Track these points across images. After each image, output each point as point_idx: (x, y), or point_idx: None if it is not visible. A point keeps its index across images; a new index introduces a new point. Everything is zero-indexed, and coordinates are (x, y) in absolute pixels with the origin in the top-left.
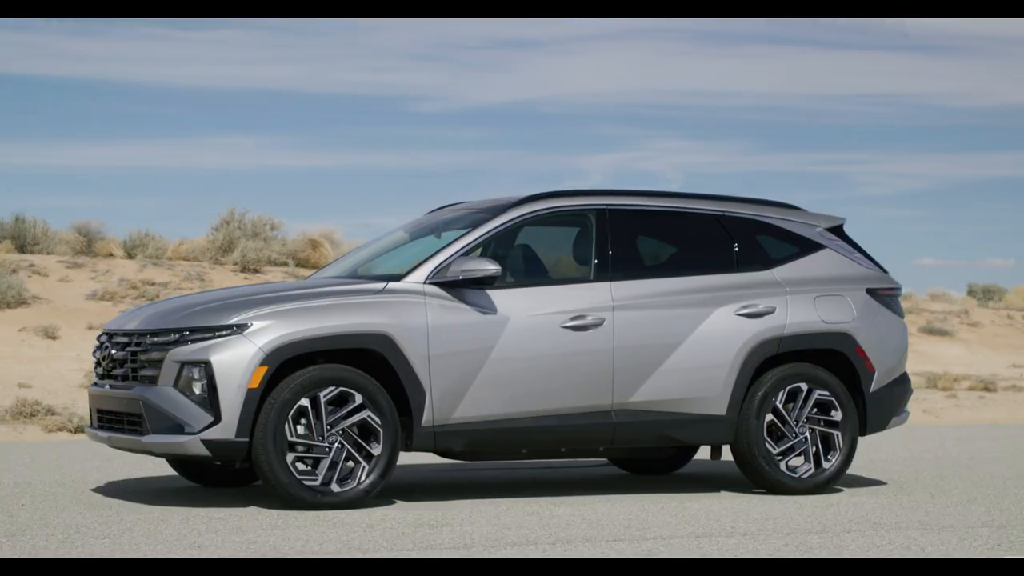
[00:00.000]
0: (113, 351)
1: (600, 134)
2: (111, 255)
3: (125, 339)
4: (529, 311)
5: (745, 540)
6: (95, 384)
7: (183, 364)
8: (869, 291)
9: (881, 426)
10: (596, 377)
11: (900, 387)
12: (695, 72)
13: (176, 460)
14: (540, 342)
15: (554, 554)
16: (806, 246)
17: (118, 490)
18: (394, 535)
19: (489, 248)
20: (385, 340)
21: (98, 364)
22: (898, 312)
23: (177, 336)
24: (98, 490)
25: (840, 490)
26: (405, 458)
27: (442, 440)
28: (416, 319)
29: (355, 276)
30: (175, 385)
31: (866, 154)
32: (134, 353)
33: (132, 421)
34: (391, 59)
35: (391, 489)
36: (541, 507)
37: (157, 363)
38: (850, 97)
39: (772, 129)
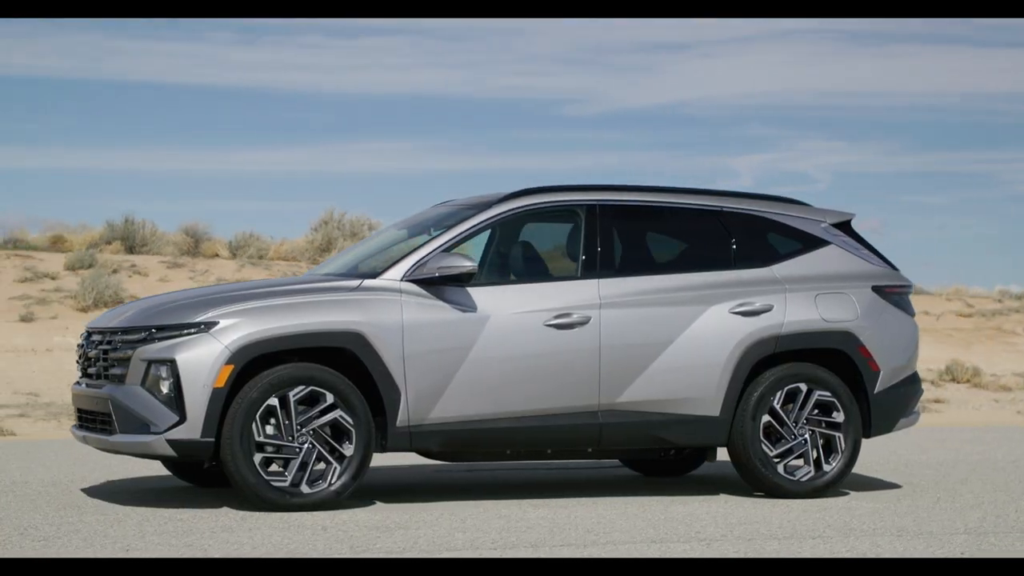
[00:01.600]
0: (89, 349)
1: (748, 135)
2: (216, 255)
3: (99, 337)
4: (511, 309)
5: (699, 546)
6: (76, 383)
7: (150, 363)
8: (875, 289)
9: (887, 428)
10: (581, 377)
11: (909, 388)
12: (843, 72)
13: (167, 460)
14: (521, 340)
15: (490, 556)
16: (809, 242)
17: (107, 490)
18: (340, 538)
19: (472, 245)
20: (357, 338)
21: (78, 362)
22: (908, 311)
23: (145, 334)
24: (90, 490)
25: (846, 493)
26: (404, 458)
27: (418, 440)
28: (391, 317)
29: (343, 274)
30: (143, 384)
31: (1016, 152)
32: (105, 351)
33: (103, 420)
34: (540, 63)
35: (376, 490)
36: (513, 510)
37: (125, 362)
38: (999, 95)
39: (920, 128)
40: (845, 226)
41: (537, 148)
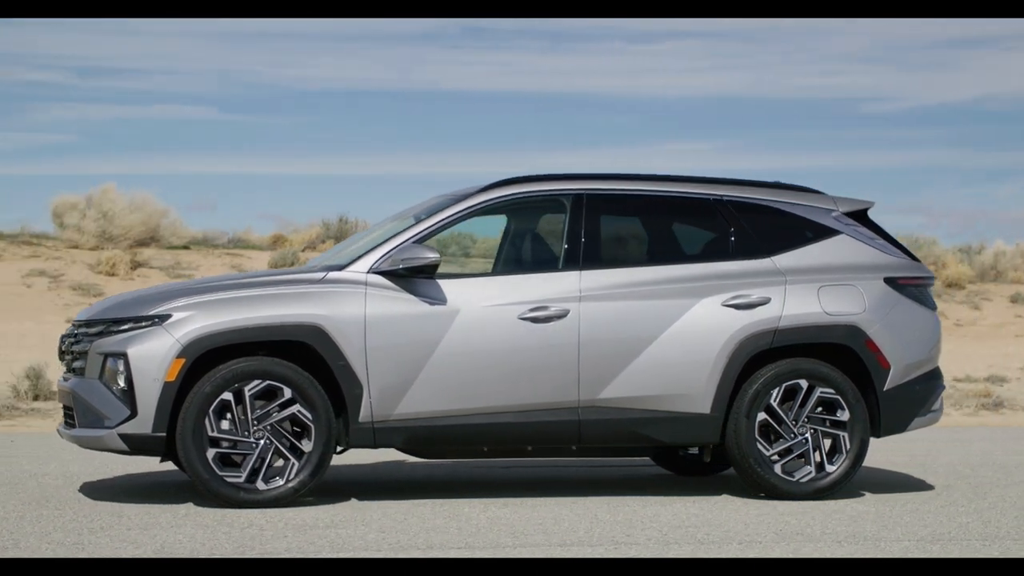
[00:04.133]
0: (62, 344)
1: None
2: None
3: (71, 331)
4: (484, 302)
5: (655, 547)
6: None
7: (106, 356)
8: (888, 280)
9: (900, 427)
10: (559, 372)
11: (926, 385)
12: None
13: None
14: (492, 334)
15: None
16: (817, 232)
17: (101, 487)
18: (265, 537)
19: (447, 235)
20: (316, 332)
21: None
22: (926, 304)
23: (102, 328)
24: (86, 485)
25: (861, 494)
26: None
27: (382, 437)
28: (352, 310)
29: (315, 267)
30: (100, 378)
31: None
32: (71, 345)
33: (68, 414)
34: (837, 62)
35: (356, 486)
36: (473, 508)
37: (85, 355)
38: None
39: None
40: (860, 215)
41: (836, 147)
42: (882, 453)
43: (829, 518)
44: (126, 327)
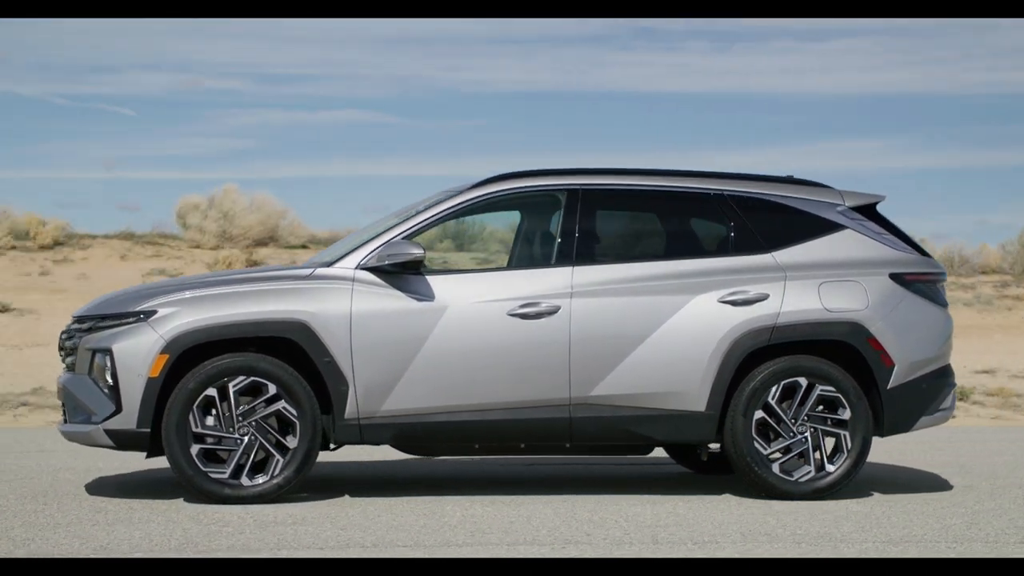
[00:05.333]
0: (60, 340)
1: None
2: None
3: (67, 327)
4: (473, 298)
5: (608, 547)
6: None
7: (94, 352)
8: (894, 276)
9: (905, 426)
10: (549, 368)
11: (934, 383)
12: None
13: None
14: (480, 331)
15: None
16: (820, 227)
17: (101, 481)
18: (224, 533)
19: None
20: (301, 328)
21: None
22: (935, 300)
23: (92, 324)
24: (91, 483)
25: (871, 494)
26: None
27: (369, 433)
28: (338, 307)
29: (307, 264)
30: (89, 373)
31: None
32: (65, 341)
33: (63, 410)
34: (1015, 58)
35: (352, 482)
36: (456, 506)
37: (75, 351)
38: None
39: None
40: (868, 209)
41: (1014, 143)
42: (928, 454)
43: (808, 518)
44: (113, 323)
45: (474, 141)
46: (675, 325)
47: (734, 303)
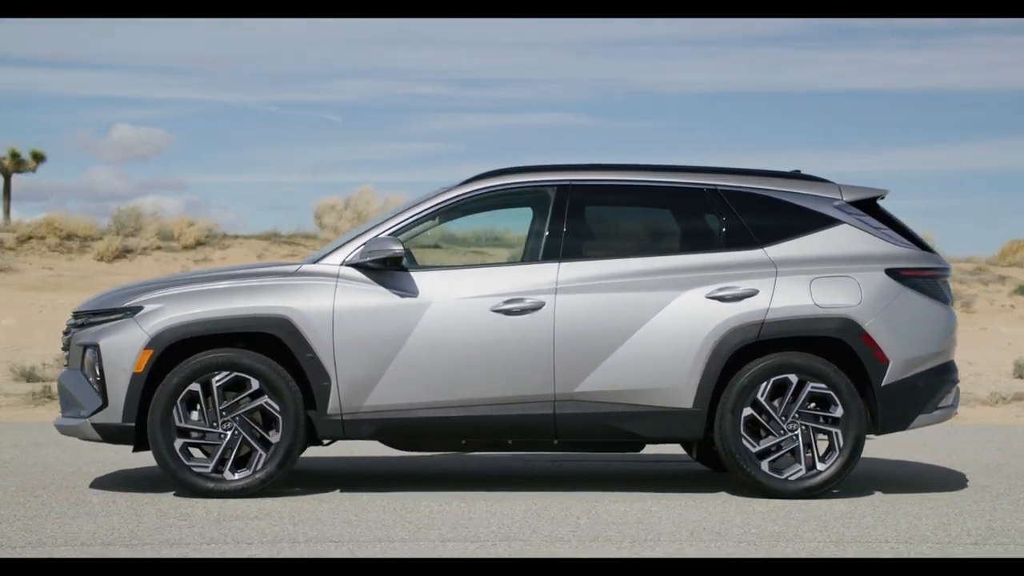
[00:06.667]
0: (63, 336)
1: None
2: None
3: (67, 323)
4: (457, 294)
5: (557, 545)
6: None
7: (84, 347)
8: (891, 272)
9: (901, 425)
10: (533, 364)
11: (932, 380)
12: None
13: None
14: (463, 327)
15: (327, 554)
16: (815, 221)
17: (102, 474)
18: (180, 526)
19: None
20: (283, 324)
21: None
22: (935, 296)
23: (84, 320)
24: (99, 478)
25: (872, 493)
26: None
27: (352, 429)
28: (321, 302)
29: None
30: (81, 368)
31: None
32: (63, 336)
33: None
34: None
35: (337, 477)
36: (431, 502)
37: (69, 346)
38: None
39: None
40: (867, 204)
41: None
42: (961, 453)
43: (779, 516)
44: (102, 319)
45: (668, 143)
46: (662, 321)
47: (722, 299)
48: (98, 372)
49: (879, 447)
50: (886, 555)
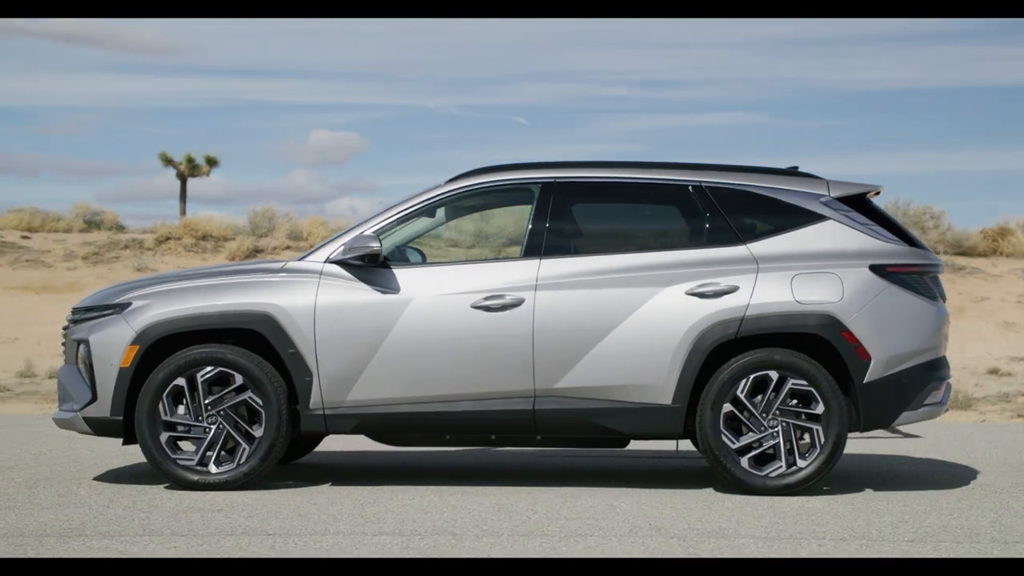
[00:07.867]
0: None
1: None
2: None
3: (66, 318)
4: (438, 290)
5: (527, 540)
6: None
7: (78, 343)
8: (875, 268)
9: (885, 422)
10: (513, 360)
11: (918, 377)
12: None
13: None
14: (443, 323)
15: (286, 548)
16: (800, 218)
17: (110, 473)
18: (143, 517)
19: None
20: (267, 320)
21: None
22: (922, 292)
23: (78, 316)
24: (103, 473)
25: (863, 491)
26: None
27: (334, 423)
28: (304, 299)
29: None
30: (75, 363)
31: None
32: (63, 332)
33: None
34: None
35: (335, 472)
36: (406, 495)
37: (66, 342)
38: None
39: None
40: (855, 200)
41: None
42: (980, 452)
43: (758, 515)
44: (94, 315)
45: (854, 141)
46: (641, 317)
47: (702, 295)
48: (88, 366)
49: (895, 445)
50: (852, 555)
